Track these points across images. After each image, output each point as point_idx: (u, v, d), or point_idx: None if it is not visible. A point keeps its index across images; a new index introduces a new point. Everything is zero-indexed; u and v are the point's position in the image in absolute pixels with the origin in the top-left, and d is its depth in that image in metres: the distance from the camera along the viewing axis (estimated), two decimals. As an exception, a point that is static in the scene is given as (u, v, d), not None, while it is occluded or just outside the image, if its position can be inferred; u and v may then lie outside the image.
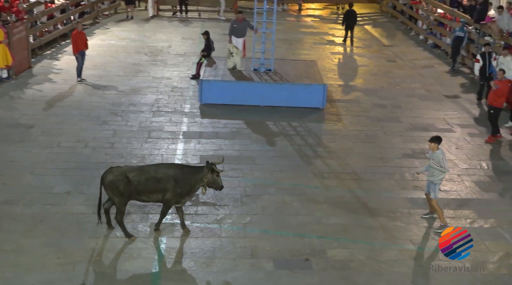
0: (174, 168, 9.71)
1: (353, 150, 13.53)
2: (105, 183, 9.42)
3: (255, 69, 17.13)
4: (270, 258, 9.29)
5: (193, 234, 9.88)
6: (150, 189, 9.45)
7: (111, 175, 9.40)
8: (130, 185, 9.34)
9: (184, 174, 9.55)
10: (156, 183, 9.42)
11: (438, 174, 10.20)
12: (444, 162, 10.09)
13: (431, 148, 10.23)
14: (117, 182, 9.32)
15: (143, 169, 9.59)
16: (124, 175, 9.36)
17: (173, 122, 14.77)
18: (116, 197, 9.42)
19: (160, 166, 9.88)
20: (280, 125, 14.91)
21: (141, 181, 9.37)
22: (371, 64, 21.17)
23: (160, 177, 9.42)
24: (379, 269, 9.10)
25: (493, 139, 14.23)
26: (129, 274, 8.77)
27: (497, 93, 14.15)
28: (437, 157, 10.12)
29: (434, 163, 10.15)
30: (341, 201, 11.14)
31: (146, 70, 19.04)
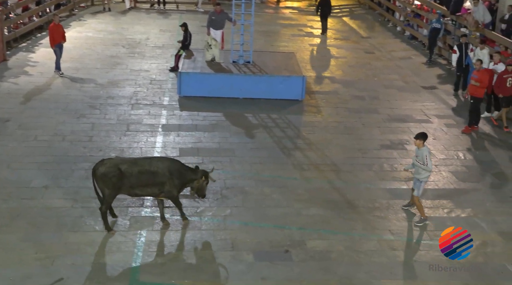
0: (168, 161, 9.69)
1: (332, 142, 13.59)
2: (97, 175, 9.34)
3: (234, 61, 17.09)
4: (250, 250, 9.31)
5: (173, 227, 9.86)
6: (144, 182, 9.37)
7: (103, 167, 9.30)
8: (123, 177, 9.26)
9: (178, 167, 9.56)
10: (151, 176, 9.36)
11: (423, 172, 9.98)
12: (428, 160, 9.84)
13: (416, 145, 10.02)
14: (109, 174, 9.23)
15: (136, 162, 9.51)
16: (117, 167, 9.25)
17: (152, 115, 14.69)
18: (107, 189, 9.34)
19: (154, 159, 9.85)
20: (259, 117, 14.91)
21: (134, 173, 9.28)
22: (349, 55, 21.26)
23: (155, 170, 9.37)
24: (359, 260, 9.18)
25: (469, 130, 14.41)
26: (109, 268, 8.73)
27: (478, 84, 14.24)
28: (421, 154, 9.91)
29: (417, 160, 9.97)
30: (320, 193, 11.20)
31: (124, 62, 18.88)
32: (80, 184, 11.06)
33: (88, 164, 11.86)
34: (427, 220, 10.23)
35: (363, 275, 8.78)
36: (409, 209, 10.64)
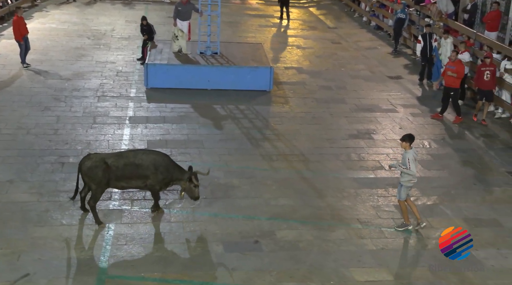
0: (154, 154, 9.61)
1: (300, 132, 13.66)
2: (83, 169, 9.26)
3: (201, 52, 16.99)
4: (220, 241, 9.32)
5: (142, 219, 9.80)
6: (129, 174, 9.34)
7: (89, 161, 9.24)
8: (109, 171, 9.21)
9: (166, 163, 9.52)
10: (135, 168, 9.34)
11: (404, 175, 9.53)
12: (411, 163, 9.36)
13: (403, 147, 9.59)
14: (96, 169, 9.17)
15: (121, 155, 9.51)
16: (103, 161, 9.22)
17: (118, 107, 14.52)
18: (94, 184, 9.28)
19: (139, 152, 9.79)
20: (227, 108, 14.88)
21: (120, 166, 9.26)
22: (316, 46, 21.35)
23: (139, 163, 9.35)
24: (327, 249, 9.27)
25: (460, 119, 14.58)
26: (77, 262, 8.64)
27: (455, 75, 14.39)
28: (405, 156, 9.48)
29: (399, 164, 9.60)
30: (289, 183, 11.25)
31: (89, 54, 18.59)
32: (46, 178, 10.89)
33: (54, 157, 11.70)
34: (410, 225, 9.82)
35: (332, 264, 8.87)
36: (418, 228, 9.82)
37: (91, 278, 8.31)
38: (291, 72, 18.13)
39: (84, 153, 11.87)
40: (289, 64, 18.97)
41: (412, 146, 9.56)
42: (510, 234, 9.87)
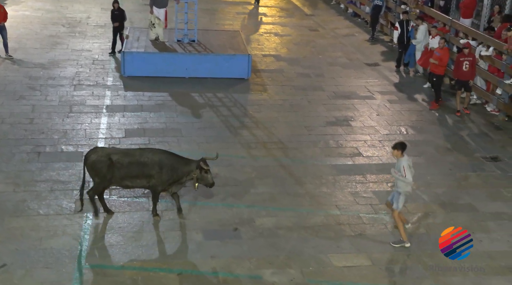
0: (160, 153, 9.30)
1: (279, 120, 13.68)
2: (88, 162, 9.13)
3: (179, 40, 16.87)
4: (199, 229, 9.33)
5: (120, 208, 9.76)
6: (134, 173, 9.11)
7: (94, 155, 9.09)
8: (113, 168, 9.02)
9: (172, 162, 9.20)
10: (140, 167, 9.09)
11: (402, 183, 9.02)
12: (406, 171, 8.88)
13: (395, 156, 9.15)
14: (100, 164, 9.01)
15: (127, 152, 9.27)
16: (108, 157, 9.03)
17: (95, 95, 14.38)
18: (97, 178, 9.14)
19: (146, 150, 9.44)
20: (205, 96, 14.83)
21: (124, 164, 9.04)
22: (293, 33, 21.34)
23: (145, 161, 9.09)
24: (306, 235, 9.33)
25: (437, 105, 14.74)
26: (55, 252, 8.58)
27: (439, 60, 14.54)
28: (399, 165, 9.02)
29: (394, 171, 9.08)
30: (268, 170, 11.28)
31: (64, 42, 18.34)
32: (22, 168, 10.77)
33: (30, 146, 11.57)
34: (407, 243, 9.16)
35: (311, 250, 8.94)
36: (402, 246, 9.18)
37: (69, 268, 8.26)
38: (269, 59, 18.11)
39: (61, 142, 11.82)
40: (267, 51, 18.94)
41: (404, 154, 9.05)
42: (484, 218, 10.05)
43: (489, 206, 10.44)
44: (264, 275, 8.34)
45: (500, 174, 11.64)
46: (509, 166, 11.96)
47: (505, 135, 13.48)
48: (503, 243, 9.38)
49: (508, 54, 14.19)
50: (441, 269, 8.63)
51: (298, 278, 8.30)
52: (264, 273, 8.37)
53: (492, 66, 14.90)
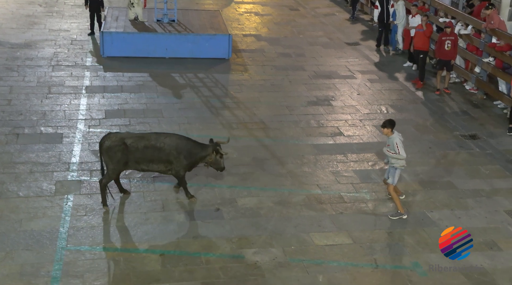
0: (177, 139, 9.34)
1: (260, 100, 13.66)
2: (103, 148, 9.09)
3: (158, 20, 16.70)
4: (181, 209, 9.34)
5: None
6: (150, 157, 9.14)
7: (108, 141, 9.06)
8: (128, 152, 9.03)
9: (189, 147, 9.30)
10: (156, 152, 9.14)
11: (396, 160, 9.32)
12: (400, 147, 9.20)
13: (385, 134, 9.49)
14: (114, 148, 9.00)
15: (143, 136, 9.27)
16: (122, 141, 9.03)
17: (74, 76, 14.21)
18: (112, 164, 9.09)
19: (161, 135, 9.43)
20: (186, 77, 14.74)
21: (139, 148, 9.07)
22: (274, 13, 21.23)
23: (161, 146, 9.14)
24: (288, 214, 9.39)
25: (422, 84, 14.79)
26: (35, 234, 8.54)
27: (424, 37, 14.61)
28: (392, 142, 9.32)
29: (388, 150, 9.35)
30: (249, 151, 11.29)
31: (41, 22, 18.04)
32: (0, 150, 10.66)
33: (8, 128, 11.43)
34: (404, 215, 9.45)
35: (292, 229, 9.00)
36: (400, 218, 9.45)
37: (50, 249, 8.24)
38: (250, 39, 18.02)
39: (40, 124, 11.70)
40: (247, 31, 18.84)
41: (394, 131, 9.33)
42: (463, 195, 10.18)
43: (468, 183, 10.58)
44: (247, 254, 8.38)
45: (479, 151, 11.78)
46: (487, 144, 12.11)
47: (483, 113, 13.63)
48: (481, 219, 9.52)
49: (487, 33, 14.28)
50: (421, 247, 8.76)
51: (280, 257, 8.36)
52: (246, 252, 8.42)
53: (471, 45, 14.99)
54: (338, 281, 7.96)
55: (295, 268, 8.16)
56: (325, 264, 8.28)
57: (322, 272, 8.11)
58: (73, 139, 11.25)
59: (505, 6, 15.44)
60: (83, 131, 11.59)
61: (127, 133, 9.49)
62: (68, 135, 11.38)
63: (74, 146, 11.01)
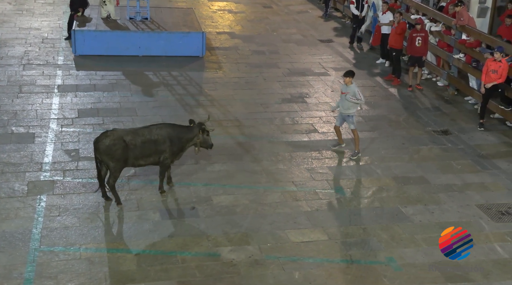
0: (166, 127, 9.41)
1: (234, 97, 13.64)
2: (102, 148, 8.92)
3: (131, 17, 16.57)
4: (156, 208, 9.28)
5: (75, 190, 9.61)
6: (147, 152, 9.18)
7: (107, 140, 8.92)
8: (128, 149, 9.00)
9: (177, 132, 9.38)
10: (153, 145, 9.19)
11: (353, 106, 11.02)
12: (360, 93, 10.89)
13: (346, 83, 10.97)
14: (115, 147, 8.91)
15: (137, 132, 9.24)
16: (121, 139, 8.97)
17: (46, 75, 14.01)
18: (113, 162, 8.98)
19: (152, 127, 9.41)
20: (160, 75, 14.65)
21: (138, 144, 9.08)
22: (247, 10, 21.21)
23: (156, 138, 9.20)
24: (263, 212, 9.39)
25: (399, 81, 14.91)
26: (7, 235, 8.40)
27: (396, 34, 14.75)
28: (352, 90, 10.89)
29: (350, 97, 10.86)
30: (224, 148, 11.27)
31: (11, 20, 17.74)
32: (-29, 151, 10.47)
33: (-21, 129, 11.24)
34: (359, 153, 11.18)
35: (268, 227, 9.01)
36: (339, 147, 11.43)
37: (23, 251, 8.12)
38: (224, 37, 17.98)
39: (11, 124, 11.53)
40: (221, 29, 18.79)
41: (352, 81, 10.96)
42: (436, 190, 10.31)
43: (440, 178, 10.71)
44: (223, 252, 8.37)
45: (451, 147, 11.94)
46: (459, 139, 12.28)
47: (454, 109, 13.82)
48: (453, 213, 9.65)
49: (457, 29, 14.48)
50: (395, 242, 8.85)
51: (256, 254, 8.36)
52: (222, 250, 8.41)
53: (442, 41, 15.18)
54: (314, 277, 8.00)
55: (271, 265, 8.18)
56: (301, 261, 8.31)
57: (298, 269, 8.13)
58: (45, 139, 11.10)
59: (474, 3, 15.67)
60: (55, 131, 11.44)
61: (123, 130, 9.43)
62: (40, 135, 11.23)
63: (47, 146, 10.86)
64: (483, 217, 9.58)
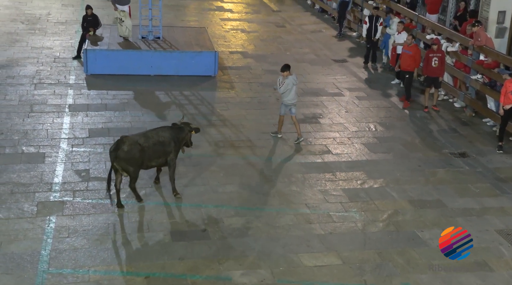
0: (167, 129, 9.89)
1: (246, 117, 13.51)
2: (122, 155, 9.19)
3: (143, 37, 16.55)
4: (166, 230, 9.13)
5: (85, 211, 9.48)
6: (158, 153, 9.64)
7: (125, 146, 9.21)
8: (144, 152, 9.38)
9: (176, 133, 9.89)
10: (161, 146, 9.64)
11: (294, 96, 12.03)
12: (284, 85, 11.85)
13: (285, 76, 11.86)
14: (133, 151, 9.25)
15: (146, 135, 9.63)
16: (137, 143, 9.34)
17: (57, 94, 13.98)
18: (132, 167, 9.32)
19: (158, 130, 9.87)
20: (171, 94, 14.57)
21: (150, 146, 9.49)
22: (260, 30, 21.18)
23: (163, 140, 9.67)
24: (276, 235, 9.19)
25: (409, 104, 14.64)
26: (15, 257, 8.27)
27: (410, 59, 14.43)
28: (287, 82, 11.85)
29: (285, 88, 11.92)
30: (236, 169, 11.11)
31: (23, 39, 17.80)
32: (-19, 170, 10.38)
33: (-11, 148, 11.17)
34: (300, 137, 12.20)
35: (281, 250, 8.81)
36: (276, 135, 12.39)
37: (31, 273, 7.97)
38: (236, 56, 17.92)
39: (21, 143, 11.46)
40: (234, 48, 18.74)
41: (291, 73, 11.90)
42: (453, 214, 10.06)
43: (458, 202, 10.46)
44: (234, 276, 8.18)
45: (468, 169, 11.69)
46: (477, 161, 12.03)
47: (472, 131, 13.57)
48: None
49: (474, 50, 14.29)
50: (411, 267, 8.59)
51: (268, 278, 8.16)
52: (234, 274, 8.22)
53: (459, 62, 14.98)
54: (328, 303, 7.77)
55: (284, 290, 7.97)
56: (314, 286, 8.09)
57: (311, 295, 7.91)
58: (55, 159, 11.01)
59: (492, 23, 15.48)
60: (66, 151, 11.35)
61: (134, 135, 9.66)
62: (51, 155, 11.13)
63: (57, 166, 10.76)
64: (503, 243, 9.30)
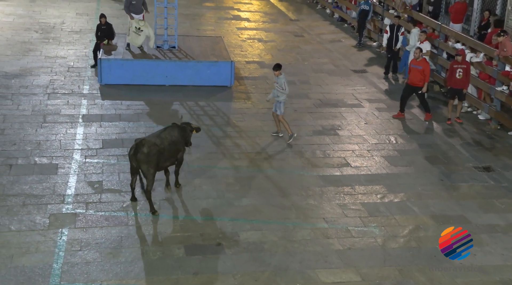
0: (176, 128, 10.05)
1: (263, 129, 13.27)
2: (142, 157, 9.30)
3: (158, 46, 16.42)
4: (180, 244, 8.93)
5: (98, 223, 9.30)
6: (172, 153, 9.83)
7: (145, 148, 9.33)
8: (160, 153, 9.53)
9: (181, 132, 10.07)
10: (174, 146, 9.84)
11: (282, 95, 12.25)
12: (286, 85, 12.20)
13: (276, 75, 12.18)
14: (152, 152, 9.37)
15: (160, 136, 9.74)
16: (155, 144, 9.48)
17: (71, 104, 13.86)
18: (152, 168, 9.41)
19: (168, 130, 9.98)
20: (186, 105, 14.40)
21: (166, 147, 9.65)
22: (278, 39, 20.99)
23: (175, 140, 9.88)
24: (292, 249, 8.96)
25: (430, 116, 14.21)
26: (27, 270, 8.10)
27: (420, 73, 13.85)
28: (280, 81, 12.19)
29: (277, 87, 12.23)
30: (252, 182, 10.88)
31: (37, 48, 17.77)
32: (-8, 181, 10.24)
33: (1, 159, 11.07)
34: (294, 134, 12.47)
35: (297, 265, 8.58)
36: (277, 135, 12.65)
37: (41, 288, 7.78)
38: (253, 66, 17.72)
39: (34, 154, 11.35)
40: (250, 58, 18.55)
41: (282, 73, 12.22)
42: (477, 230, 9.71)
43: (482, 218, 10.12)
44: (249, 293, 7.92)
45: (493, 184, 11.32)
46: (502, 176, 11.65)
47: (497, 144, 13.19)
48: (497, 256, 9.06)
49: (499, 60, 13.91)
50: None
51: (285, 296, 7.90)
52: (249, 291, 7.96)
53: (483, 73, 14.60)
54: (348, 324, 7.47)
55: (301, 308, 7.69)
56: (333, 305, 7.81)
57: (330, 314, 7.61)
58: (68, 170, 10.84)
59: (518, 32, 15.11)
60: (79, 162, 11.19)
61: (149, 137, 9.76)
62: (64, 166, 10.97)
63: (70, 178, 10.59)
64: (531, 261, 8.93)
